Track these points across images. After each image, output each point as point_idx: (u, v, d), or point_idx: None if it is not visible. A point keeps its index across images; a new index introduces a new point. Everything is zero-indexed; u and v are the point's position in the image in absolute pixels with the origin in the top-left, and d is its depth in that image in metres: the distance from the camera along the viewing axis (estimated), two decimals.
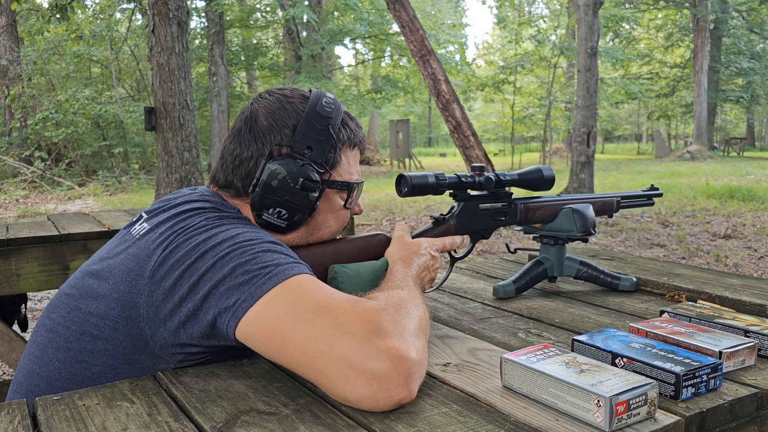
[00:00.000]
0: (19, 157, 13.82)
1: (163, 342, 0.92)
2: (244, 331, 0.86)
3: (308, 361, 0.80)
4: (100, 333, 0.95)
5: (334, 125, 1.07)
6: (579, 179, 9.26)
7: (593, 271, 1.37)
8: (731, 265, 5.33)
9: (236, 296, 0.86)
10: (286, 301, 0.84)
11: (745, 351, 0.90)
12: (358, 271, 1.12)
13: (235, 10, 18.70)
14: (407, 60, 18.98)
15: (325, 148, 1.06)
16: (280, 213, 1.04)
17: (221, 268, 0.89)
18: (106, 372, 0.95)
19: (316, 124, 1.05)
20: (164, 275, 0.92)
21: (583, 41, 9.25)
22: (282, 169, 1.02)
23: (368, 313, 0.82)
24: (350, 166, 1.12)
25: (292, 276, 0.87)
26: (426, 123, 42.98)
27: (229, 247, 0.91)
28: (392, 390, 0.76)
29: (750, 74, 24.98)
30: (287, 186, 1.02)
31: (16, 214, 9.27)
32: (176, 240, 0.94)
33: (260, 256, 0.90)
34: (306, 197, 1.04)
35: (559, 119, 20.84)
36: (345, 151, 1.10)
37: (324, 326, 0.80)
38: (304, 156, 1.04)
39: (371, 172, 18.64)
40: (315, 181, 1.03)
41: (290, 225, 1.06)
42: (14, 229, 2.55)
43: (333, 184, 1.09)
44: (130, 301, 0.94)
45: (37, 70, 15.27)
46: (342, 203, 1.12)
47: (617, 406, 0.69)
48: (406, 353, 0.78)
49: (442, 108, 7.76)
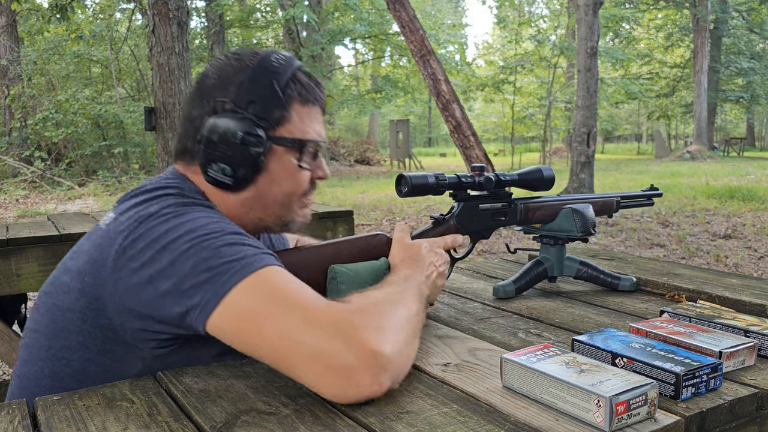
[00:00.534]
0: (19, 157, 13.82)
1: (133, 331, 0.93)
2: (214, 327, 0.87)
3: (279, 356, 0.83)
4: (73, 326, 0.96)
5: (280, 80, 1.03)
6: (579, 179, 9.26)
7: (593, 271, 1.37)
8: (731, 265, 5.33)
9: (200, 295, 0.87)
10: (254, 297, 0.85)
11: (745, 351, 0.90)
12: (357, 271, 1.12)
13: (235, 10, 18.71)
14: (407, 60, 18.97)
15: (269, 103, 1.03)
16: (224, 169, 1.02)
17: (183, 263, 0.88)
18: (84, 365, 0.96)
19: (261, 79, 1.03)
20: (125, 266, 0.91)
21: (583, 41, 9.25)
22: (222, 123, 1.00)
23: (339, 312, 0.84)
24: (303, 123, 1.06)
25: (257, 270, 0.87)
26: (426, 123, 42.98)
27: (190, 241, 0.90)
28: (361, 385, 0.78)
29: (750, 74, 24.98)
30: (227, 140, 1.00)
31: (16, 214, 9.27)
32: (137, 230, 0.93)
33: (222, 251, 0.89)
34: (247, 151, 1.01)
35: (559, 119, 20.84)
36: (295, 107, 1.05)
37: (294, 322, 0.82)
38: (247, 111, 1.02)
39: (371, 172, 18.64)
40: (256, 136, 1.00)
41: (236, 182, 1.03)
42: (14, 229, 2.55)
43: (281, 141, 1.04)
44: (94, 292, 0.94)
45: (37, 70, 15.27)
46: (296, 163, 1.07)
47: (617, 406, 0.69)
48: (377, 348, 0.80)
49: (442, 108, 7.76)
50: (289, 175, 1.07)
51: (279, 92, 1.03)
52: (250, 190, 1.06)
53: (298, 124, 1.06)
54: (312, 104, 1.08)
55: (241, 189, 1.05)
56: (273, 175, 1.06)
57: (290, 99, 1.05)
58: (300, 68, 1.08)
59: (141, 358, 0.95)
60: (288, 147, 1.05)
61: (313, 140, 1.08)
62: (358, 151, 22.12)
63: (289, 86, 1.05)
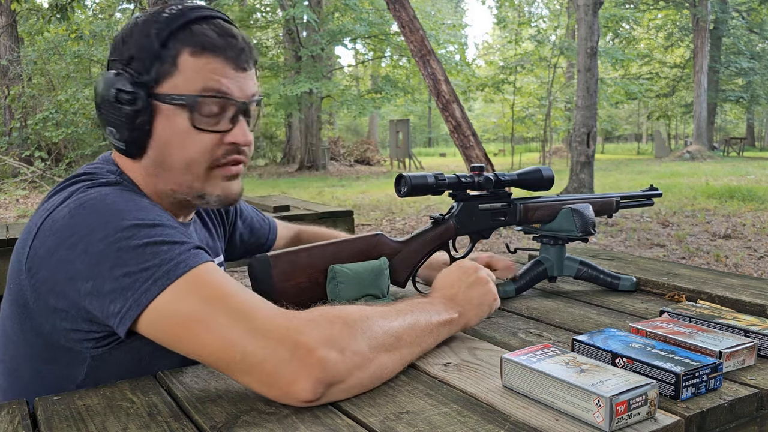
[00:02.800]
0: (19, 157, 13.82)
1: (65, 332, 0.88)
2: (144, 332, 0.82)
3: (219, 361, 0.79)
4: (17, 337, 0.92)
5: (162, 31, 0.91)
6: (579, 179, 9.26)
7: (593, 271, 1.37)
8: (731, 265, 5.33)
9: (120, 302, 0.81)
10: (185, 301, 0.79)
11: (745, 351, 0.90)
12: (357, 271, 1.12)
13: (235, 10, 18.72)
14: (407, 60, 18.99)
15: (147, 56, 0.91)
16: (113, 133, 0.94)
17: (97, 266, 0.81)
18: (34, 376, 0.93)
19: (144, 31, 0.92)
20: (39, 267, 0.86)
21: (583, 41, 9.25)
22: (101, 82, 0.93)
23: (286, 319, 0.79)
24: (195, 77, 0.92)
25: (184, 273, 0.81)
26: (426, 123, 42.99)
27: (102, 240, 0.82)
28: (301, 394, 0.76)
29: (750, 74, 24.99)
30: (105, 100, 0.92)
31: (16, 214, 9.27)
32: (44, 226, 0.87)
33: (140, 253, 0.81)
34: (122, 111, 0.91)
35: (559, 119, 20.85)
36: (184, 58, 0.92)
37: (235, 329, 0.78)
38: (128, 68, 0.92)
39: (371, 172, 18.64)
40: (128, 92, 0.90)
41: (128, 146, 0.94)
42: (14, 229, 2.55)
43: (162, 98, 0.92)
44: (21, 299, 0.90)
45: (37, 70, 15.27)
46: (188, 123, 0.93)
47: (617, 406, 0.69)
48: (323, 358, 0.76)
49: (442, 108, 7.76)
50: (183, 137, 0.94)
51: (157, 44, 0.91)
52: (149, 156, 0.96)
53: (187, 78, 0.92)
54: (211, 54, 0.93)
55: (137, 155, 0.96)
56: (165, 138, 0.94)
57: (177, 51, 0.91)
58: (202, 18, 0.94)
59: (82, 361, 0.91)
60: (176, 104, 0.92)
61: (207, 96, 0.92)
62: (358, 151, 22.12)
63: (175, 37, 0.92)
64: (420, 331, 0.91)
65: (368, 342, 0.81)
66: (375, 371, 0.82)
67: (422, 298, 1.00)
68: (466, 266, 1.06)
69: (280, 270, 1.08)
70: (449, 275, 1.05)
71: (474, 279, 1.04)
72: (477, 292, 1.03)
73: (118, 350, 0.91)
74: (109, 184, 0.93)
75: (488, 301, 1.04)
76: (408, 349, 0.88)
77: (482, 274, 1.05)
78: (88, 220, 0.84)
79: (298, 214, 2.70)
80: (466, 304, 1.01)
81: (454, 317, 0.98)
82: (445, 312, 0.97)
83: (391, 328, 0.86)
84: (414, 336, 0.89)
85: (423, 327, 0.91)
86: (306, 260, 1.11)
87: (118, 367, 0.92)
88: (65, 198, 0.89)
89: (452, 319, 0.98)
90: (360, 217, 8.05)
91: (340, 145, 22.29)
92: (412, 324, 0.90)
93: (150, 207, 0.90)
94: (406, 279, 1.20)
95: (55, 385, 0.92)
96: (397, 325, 0.87)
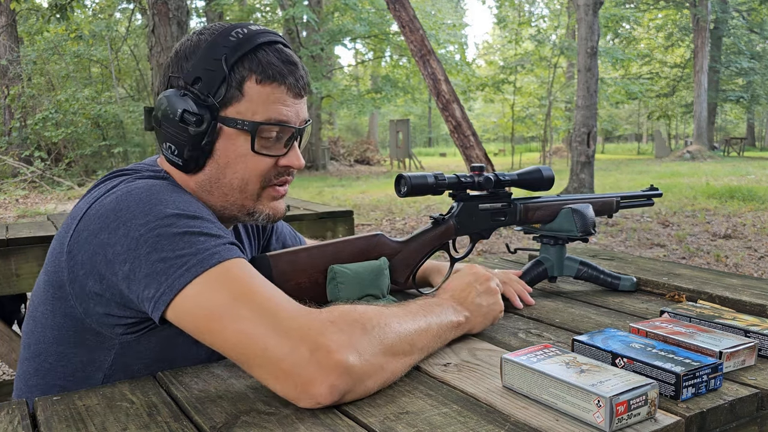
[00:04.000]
0: (19, 157, 13.81)
1: (97, 316, 0.91)
2: (173, 318, 0.84)
3: (240, 355, 0.81)
4: (46, 321, 0.95)
5: (230, 56, 0.94)
6: (579, 179, 9.26)
7: (593, 271, 1.37)
8: (731, 265, 5.33)
9: (154, 287, 0.83)
10: (213, 294, 0.82)
11: (746, 351, 0.90)
12: (357, 271, 1.12)
13: (235, 10, 18.72)
14: (407, 60, 18.99)
15: (215, 80, 0.94)
16: (171, 149, 0.97)
17: (136, 250, 0.84)
18: (60, 360, 0.95)
19: (211, 54, 0.95)
20: (79, 250, 0.89)
21: (583, 41, 9.25)
22: (164, 100, 0.95)
23: (308, 319, 0.80)
24: (259, 104, 0.96)
25: (215, 265, 0.83)
26: (426, 123, 42.98)
27: (143, 225, 0.85)
28: (316, 396, 0.76)
29: (750, 74, 24.98)
30: (169, 118, 0.95)
31: (16, 214, 9.27)
32: (89, 211, 0.91)
33: (177, 240, 0.84)
34: (187, 131, 0.94)
35: (559, 119, 20.85)
36: (250, 85, 0.95)
37: (259, 325, 0.79)
38: (193, 88, 0.95)
39: (371, 172, 18.64)
40: (195, 114, 0.94)
41: (186, 163, 0.97)
42: (14, 229, 2.55)
43: (228, 122, 0.96)
44: (57, 280, 0.93)
45: (36, 70, 15.27)
46: (248, 146, 0.97)
47: (617, 407, 0.69)
48: (342, 362, 0.76)
49: (442, 108, 7.76)
50: (242, 159, 0.98)
51: (225, 69, 0.94)
52: (205, 173, 0.99)
53: (251, 105, 0.96)
54: (274, 83, 0.97)
55: (193, 171, 0.99)
56: (225, 159, 0.98)
57: (243, 77, 0.95)
58: (267, 44, 0.97)
59: (111, 346, 0.93)
60: (239, 129, 0.96)
61: (269, 123, 0.97)
62: (358, 151, 22.12)
63: (242, 63, 0.95)
64: (432, 336, 0.93)
65: (384, 349, 0.83)
66: (387, 378, 0.83)
67: (433, 299, 1.01)
68: (480, 273, 1.09)
69: (280, 270, 1.08)
70: (462, 278, 1.07)
71: (486, 288, 1.07)
72: (487, 301, 1.07)
73: (147, 339, 0.94)
74: (156, 177, 0.97)
75: (495, 312, 1.08)
76: (419, 355, 0.90)
77: (494, 285, 1.09)
78: (132, 207, 0.88)
79: (297, 214, 2.69)
80: (474, 309, 1.04)
81: (462, 321, 1.01)
82: (454, 315, 1.00)
83: (406, 334, 0.87)
84: (426, 341, 0.91)
85: (434, 332, 0.93)
86: (306, 260, 1.11)
87: (145, 356, 0.95)
88: (113, 186, 0.93)
89: (460, 322, 1.00)
90: (360, 217, 8.05)
91: (340, 145, 22.28)
92: (425, 329, 0.91)
93: (193, 201, 0.93)
94: (406, 279, 1.20)
95: (81, 370, 0.94)
96: (412, 330, 0.89)
